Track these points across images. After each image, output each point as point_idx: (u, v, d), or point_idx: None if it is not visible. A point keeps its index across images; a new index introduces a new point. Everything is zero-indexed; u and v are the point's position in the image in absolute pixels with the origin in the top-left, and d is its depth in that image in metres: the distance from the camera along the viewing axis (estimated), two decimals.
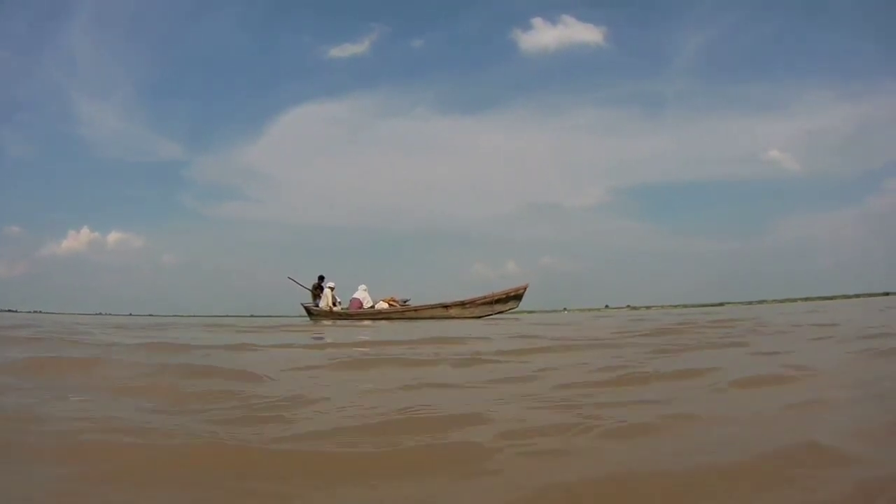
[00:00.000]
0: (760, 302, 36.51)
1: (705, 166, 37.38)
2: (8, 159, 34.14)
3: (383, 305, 14.57)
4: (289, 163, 41.40)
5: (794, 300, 32.45)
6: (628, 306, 39.13)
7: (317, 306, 15.27)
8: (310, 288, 15.67)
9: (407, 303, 14.85)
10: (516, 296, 13.39)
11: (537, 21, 32.71)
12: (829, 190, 34.84)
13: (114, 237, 35.06)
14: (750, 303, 37.44)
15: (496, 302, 13.37)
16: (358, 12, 37.14)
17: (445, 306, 13.53)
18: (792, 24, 33.84)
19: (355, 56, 33.66)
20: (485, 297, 13.42)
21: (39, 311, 27.85)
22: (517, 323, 9.31)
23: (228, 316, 26.23)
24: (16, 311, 25.03)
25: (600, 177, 40.35)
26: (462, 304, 13.45)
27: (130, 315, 27.04)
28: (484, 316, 13.22)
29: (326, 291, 15.09)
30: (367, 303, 14.58)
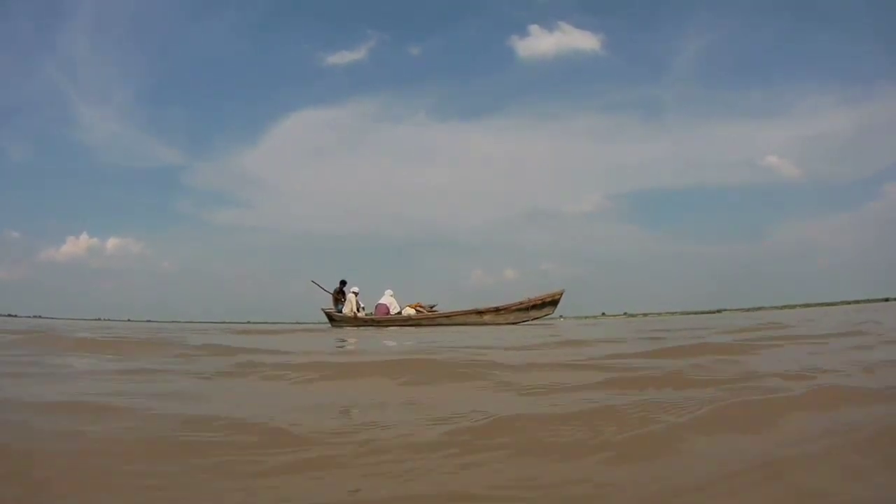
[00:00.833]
0: (759, 308, 36.80)
1: (703, 172, 37.72)
2: (7, 163, 33.30)
3: (410, 311, 14.07)
4: (286, 169, 40.96)
5: (794, 306, 32.72)
6: (625, 314, 39.14)
7: (339, 312, 14.69)
8: (332, 293, 15.10)
9: (434, 308, 14.37)
10: (552, 301, 13.01)
11: (534, 28, 32.91)
12: (828, 195, 35.38)
13: (113, 243, 34.54)
14: (748, 309, 37.74)
15: (531, 308, 12.96)
16: (356, 20, 37.16)
17: (479, 312, 13.08)
18: (791, 30, 34.43)
19: (353, 63, 33.55)
20: (520, 303, 13.01)
21: (40, 316, 27.30)
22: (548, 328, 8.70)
23: (224, 322, 25.75)
24: (16, 316, 23.96)
25: (599, 183, 40.50)
26: (497, 311, 13.01)
27: (129, 321, 26.51)
28: (519, 322, 12.81)
29: (350, 297, 14.53)
30: (395, 309, 14.06)
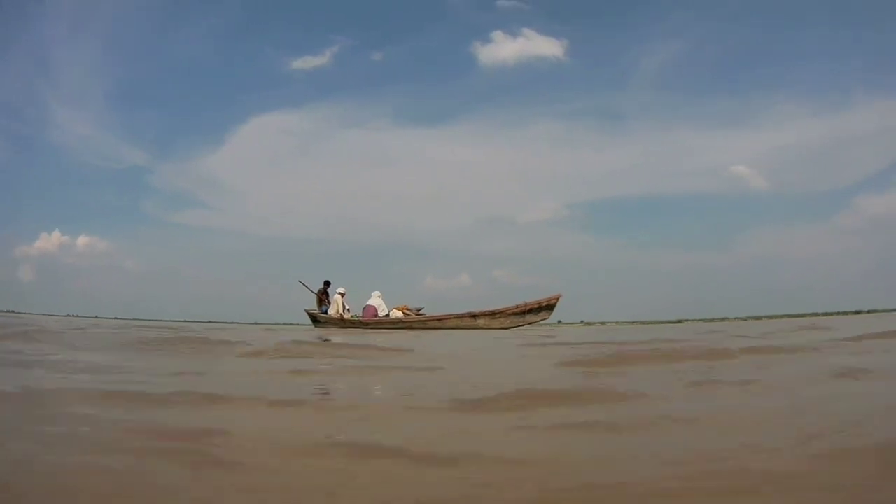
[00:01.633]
0: (722, 319, 37.79)
1: (667, 181, 38.55)
2: None
3: (398, 314, 13.50)
4: (250, 172, 40.53)
5: (759, 318, 33.71)
6: (582, 322, 39.59)
7: (324, 313, 13.96)
8: (316, 293, 14.34)
9: (420, 311, 13.85)
10: (549, 306, 12.69)
11: (497, 34, 33.00)
12: (797, 207, 36.47)
13: (83, 241, 34.01)
14: (711, 320, 38.77)
15: (528, 312, 12.60)
16: (322, 25, 37.43)
17: (474, 316, 12.64)
18: (762, 40, 35.55)
19: (317, 68, 33.52)
20: (516, 307, 12.64)
21: (13, 312, 26.91)
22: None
23: (187, 321, 25.29)
24: None
25: (558, 190, 40.92)
26: (492, 314, 12.60)
27: (96, 317, 25.94)
28: (514, 327, 12.45)
29: (336, 297, 13.82)
30: (383, 311, 13.46)
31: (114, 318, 27.16)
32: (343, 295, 13.85)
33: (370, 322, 13.16)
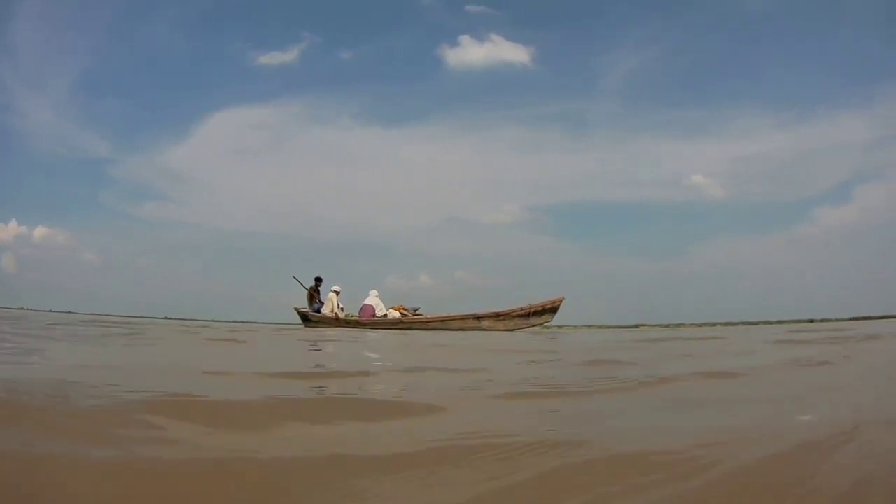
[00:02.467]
0: (679, 325, 39.35)
1: (628, 188, 39.65)
2: None
3: (395, 314, 13.02)
4: (214, 166, 38.98)
5: (714, 324, 35.29)
6: (540, 325, 40.28)
7: (316, 311, 13.24)
8: (308, 289, 13.58)
9: (417, 312, 13.42)
10: (552, 308, 12.59)
11: (465, 39, 33.70)
12: (755, 217, 38.39)
13: (40, 232, 31.65)
14: (668, 325, 40.28)
15: (532, 314, 12.46)
16: (289, 21, 36.43)
17: (478, 317, 12.36)
18: (729, 52, 37.06)
19: (284, 64, 32.82)
20: (520, 309, 12.46)
21: None
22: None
23: (145, 317, 24.01)
24: None
25: (520, 194, 41.41)
26: (496, 316, 12.37)
27: (50, 311, 23.85)
28: (518, 329, 12.26)
29: (331, 296, 13.17)
30: (381, 311, 12.95)
31: (66, 312, 24.97)
32: (338, 293, 13.21)
33: (367, 322, 12.61)
